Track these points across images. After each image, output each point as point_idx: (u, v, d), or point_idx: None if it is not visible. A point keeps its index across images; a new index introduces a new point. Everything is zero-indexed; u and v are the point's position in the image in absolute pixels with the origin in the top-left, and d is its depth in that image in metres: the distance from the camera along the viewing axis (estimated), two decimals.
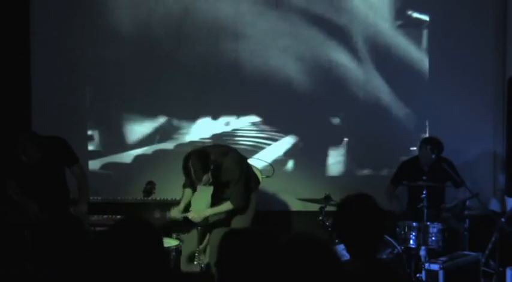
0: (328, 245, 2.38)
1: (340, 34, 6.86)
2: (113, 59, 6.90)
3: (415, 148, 6.56)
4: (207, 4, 6.84)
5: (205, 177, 5.22)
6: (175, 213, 5.50)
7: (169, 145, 6.91)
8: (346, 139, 6.93)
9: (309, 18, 6.84)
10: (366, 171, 6.94)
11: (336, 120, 6.93)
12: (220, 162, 5.34)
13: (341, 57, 6.86)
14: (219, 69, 6.88)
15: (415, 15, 6.91)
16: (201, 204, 5.80)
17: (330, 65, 6.86)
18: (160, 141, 6.93)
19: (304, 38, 6.85)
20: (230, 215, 5.52)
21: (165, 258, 2.80)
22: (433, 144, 6.11)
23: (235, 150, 5.65)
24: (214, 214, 5.51)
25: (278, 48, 6.86)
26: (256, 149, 6.88)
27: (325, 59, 6.86)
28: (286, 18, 6.85)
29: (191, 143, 6.80)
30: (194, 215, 5.45)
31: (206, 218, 5.53)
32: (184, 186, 5.65)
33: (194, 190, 5.65)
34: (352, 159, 6.94)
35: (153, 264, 2.65)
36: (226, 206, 5.44)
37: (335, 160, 6.95)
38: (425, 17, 6.89)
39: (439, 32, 6.87)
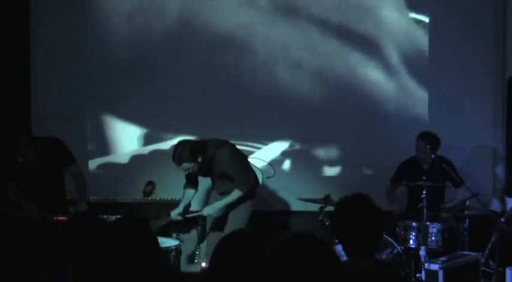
0: (326, 244, 2.38)
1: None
2: (112, 60, 6.90)
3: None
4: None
5: (186, 164, 5.22)
6: (175, 215, 5.50)
7: (168, 145, 6.90)
8: (346, 139, 6.93)
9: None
10: (365, 171, 6.94)
11: (336, 120, 6.92)
12: (213, 155, 5.34)
13: (341, 60, 6.88)
14: (219, 77, 6.89)
15: (415, 15, 6.91)
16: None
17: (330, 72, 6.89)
18: (160, 141, 6.93)
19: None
20: (225, 215, 5.51)
21: (160, 258, 2.79)
22: (432, 142, 6.07)
23: (232, 145, 5.60)
24: (227, 205, 5.48)
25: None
26: (254, 149, 6.88)
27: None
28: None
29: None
30: (208, 210, 5.44)
31: (220, 210, 5.48)
32: (185, 186, 5.64)
33: (196, 190, 5.65)
34: (352, 159, 6.93)
35: (148, 264, 2.65)
36: (235, 194, 5.42)
37: (335, 160, 6.94)
38: (426, 17, 6.88)
39: (439, 31, 6.86)
